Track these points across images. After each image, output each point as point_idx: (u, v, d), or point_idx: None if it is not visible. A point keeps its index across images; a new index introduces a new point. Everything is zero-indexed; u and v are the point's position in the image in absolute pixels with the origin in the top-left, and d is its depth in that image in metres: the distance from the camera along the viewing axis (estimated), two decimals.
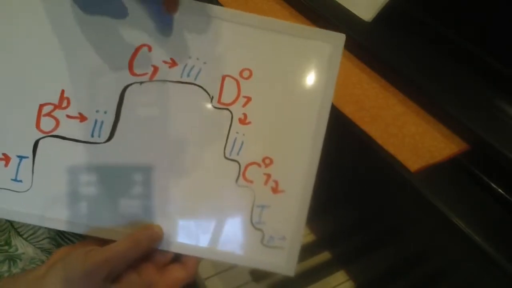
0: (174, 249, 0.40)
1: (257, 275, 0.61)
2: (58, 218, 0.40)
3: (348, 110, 0.53)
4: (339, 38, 0.40)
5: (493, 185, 0.47)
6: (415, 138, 0.51)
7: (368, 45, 0.58)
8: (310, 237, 0.67)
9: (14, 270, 0.60)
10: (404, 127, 0.52)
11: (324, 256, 0.65)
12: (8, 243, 0.62)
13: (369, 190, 0.57)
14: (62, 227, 0.40)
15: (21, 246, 0.62)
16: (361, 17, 0.62)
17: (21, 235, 0.63)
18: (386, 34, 0.61)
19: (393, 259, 0.57)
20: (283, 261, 0.42)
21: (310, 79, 0.40)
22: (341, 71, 0.40)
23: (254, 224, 0.41)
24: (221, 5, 0.65)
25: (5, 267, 0.60)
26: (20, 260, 0.61)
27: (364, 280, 0.62)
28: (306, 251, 0.64)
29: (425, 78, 0.54)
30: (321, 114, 0.40)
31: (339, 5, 0.64)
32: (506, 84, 0.52)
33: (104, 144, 0.39)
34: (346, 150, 0.57)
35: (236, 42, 0.40)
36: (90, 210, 0.40)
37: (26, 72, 0.39)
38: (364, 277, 0.62)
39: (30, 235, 0.63)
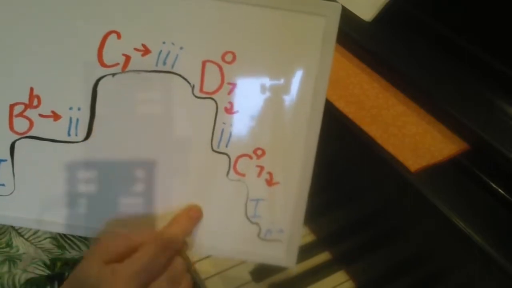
0: None
1: (257, 275, 0.61)
2: (54, 221, 0.39)
3: (348, 110, 0.53)
4: (335, 9, 0.35)
5: (493, 185, 0.47)
6: (415, 138, 0.51)
7: (368, 45, 0.58)
8: (310, 237, 0.67)
9: (15, 271, 0.60)
10: (404, 127, 0.52)
11: (324, 256, 0.65)
12: (9, 244, 0.62)
13: (369, 190, 0.57)
14: (61, 229, 0.39)
15: (22, 247, 0.62)
16: (361, 17, 0.62)
17: (22, 236, 0.63)
18: (386, 34, 0.61)
19: (393, 259, 0.57)
20: (283, 254, 0.40)
21: (302, 59, 0.36)
22: (341, 71, 0.39)
23: (249, 218, 0.40)
24: None
25: (5, 268, 0.60)
26: (21, 260, 0.61)
27: (364, 280, 0.62)
28: (306, 251, 0.64)
29: (426, 78, 0.54)
30: (316, 98, 0.37)
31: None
32: (507, 84, 0.52)
33: (82, 142, 0.37)
34: (346, 150, 0.57)
35: (215, 22, 0.35)
36: (84, 212, 0.39)
37: None
38: (364, 277, 0.62)
39: (31, 235, 0.63)
